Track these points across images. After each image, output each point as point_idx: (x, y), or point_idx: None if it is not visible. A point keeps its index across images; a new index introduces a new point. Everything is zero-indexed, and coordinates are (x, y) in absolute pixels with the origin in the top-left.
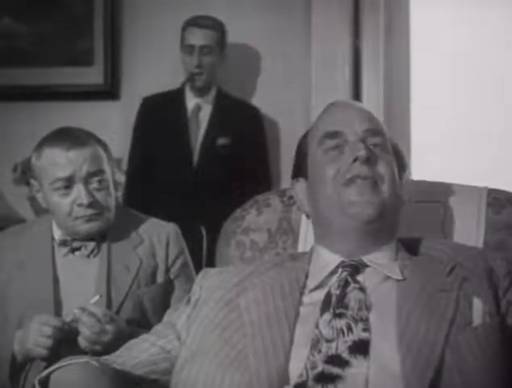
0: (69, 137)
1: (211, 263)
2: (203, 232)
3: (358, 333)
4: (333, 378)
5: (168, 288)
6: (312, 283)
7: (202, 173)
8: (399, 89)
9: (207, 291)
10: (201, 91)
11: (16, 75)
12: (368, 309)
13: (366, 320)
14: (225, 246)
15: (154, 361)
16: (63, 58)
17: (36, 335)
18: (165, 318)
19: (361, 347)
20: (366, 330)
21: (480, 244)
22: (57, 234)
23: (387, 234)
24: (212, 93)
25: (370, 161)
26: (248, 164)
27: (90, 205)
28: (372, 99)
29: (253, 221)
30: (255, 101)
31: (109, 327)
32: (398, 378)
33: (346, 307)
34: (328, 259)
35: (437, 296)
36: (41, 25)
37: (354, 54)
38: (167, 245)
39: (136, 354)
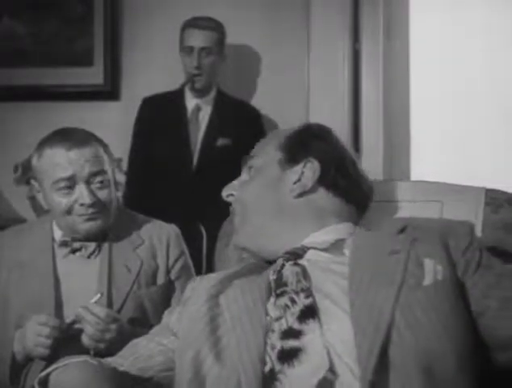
0: (69, 137)
1: (210, 263)
2: (203, 232)
3: (301, 302)
4: (294, 352)
5: (169, 289)
6: None
7: (202, 173)
8: (398, 90)
9: (195, 291)
10: (201, 92)
11: (16, 75)
12: (307, 278)
13: (307, 289)
14: (224, 247)
15: (150, 355)
16: (63, 58)
17: (36, 335)
18: (163, 318)
19: (308, 313)
20: (308, 296)
21: None
22: (58, 235)
23: (309, 218)
24: (212, 94)
25: None
26: None
27: (92, 205)
28: (372, 100)
29: None
30: (255, 101)
31: (112, 326)
32: (352, 346)
33: (285, 284)
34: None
35: (386, 260)
36: (41, 25)
37: (354, 55)
38: (167, 246)
39: (135, 350)
